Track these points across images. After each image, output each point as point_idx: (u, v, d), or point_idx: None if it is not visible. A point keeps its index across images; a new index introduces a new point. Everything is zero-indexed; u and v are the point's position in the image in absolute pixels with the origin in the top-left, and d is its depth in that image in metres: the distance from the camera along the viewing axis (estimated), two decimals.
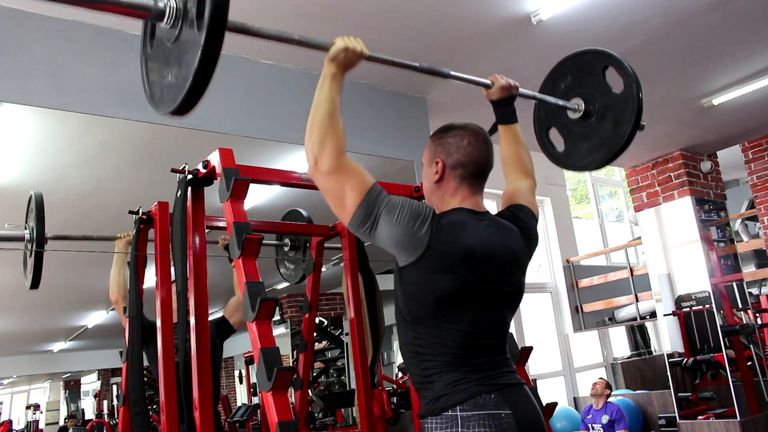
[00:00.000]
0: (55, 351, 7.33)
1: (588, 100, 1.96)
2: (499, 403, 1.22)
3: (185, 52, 1.18)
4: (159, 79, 1.32)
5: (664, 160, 5.49)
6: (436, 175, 1.41)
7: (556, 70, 2.10)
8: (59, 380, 9.45)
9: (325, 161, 1.29)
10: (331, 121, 1.34)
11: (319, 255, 3.11)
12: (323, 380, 7.17)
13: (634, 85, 1.85)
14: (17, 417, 9.07)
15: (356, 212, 1.27)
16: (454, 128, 1.43)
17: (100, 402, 9.16)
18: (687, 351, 5.14)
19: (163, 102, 1.28)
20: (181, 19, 1.19)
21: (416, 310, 1.29)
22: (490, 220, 1.38)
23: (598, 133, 1.94)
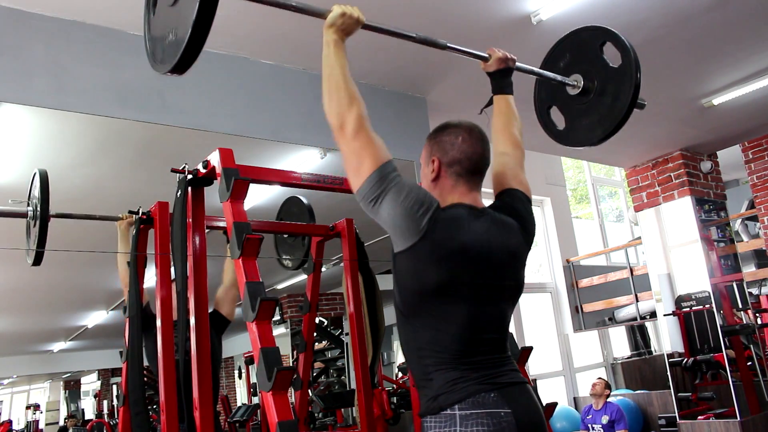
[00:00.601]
0: (55, 351, 7.31)
1: (587, 75, 1.96)
2: (498, 402, 1.22)
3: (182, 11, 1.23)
4: (160, 40, 1.36)
5: (664, 160, 5.49)
6: (433, 173, 1.42)
7: (555, 48, 2.11)
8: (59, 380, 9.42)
9: (352, 123, 1.30)
10: (348, 84, 1.35)
11: (319, 255, 3.11)
12: (323, 380, 7.17)
13: (631, 58, 1.86)
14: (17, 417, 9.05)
15: (368, 180, 1.27)
16: (449, 126, 1.44)
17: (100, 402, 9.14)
18: (687, 351, 5.14)
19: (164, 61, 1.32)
20: None
21: (410, 302, 1.30)
22: (488, 216, 1.38)
23: (597, 109, 1.94)
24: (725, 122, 4.89)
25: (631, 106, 1.85)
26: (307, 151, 3.25)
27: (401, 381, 6.22)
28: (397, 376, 7.41)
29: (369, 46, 3.07)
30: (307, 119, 3.12)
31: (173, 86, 2.70)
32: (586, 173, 8.56)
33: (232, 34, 2.75)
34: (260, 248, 1.85)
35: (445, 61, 3.33)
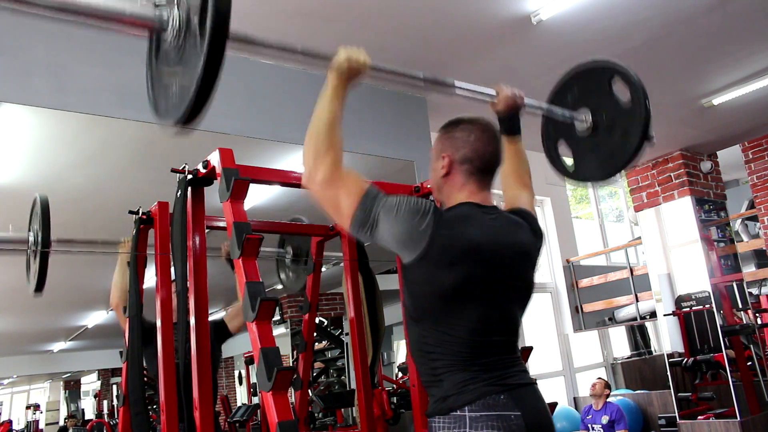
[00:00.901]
0: (55, 351, 7.31)
1: (595, 111, 1.94)
2: (508, 404, 1.21)
3: (188, 64, 1.18)
4: (164, 91, 1.32)
5: (664, 160, 5.49)
6: (443, 169, 1.40)
7: (562, 82, 2.09)
8: (59, 380, 9.43)
9: (320, 173, 1.29)
10: (328, 133, 1.33)
11: (319, 255, 3.11)
12: (323, 380, 7.16)
13: (641, 95, 1.84)
14: (17, 417, 9.06)
15: (354, 216, 1.26)
16: (463, 122, 1.42)
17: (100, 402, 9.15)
18: (687, 351, 5.14)
19: (168, 114, 1.29)
20: (184, 30, 1.19)
21: (422, 308, 1.29)
22: (498, 214, 1.37)
23: (606, 145, 1.92)
24: (725, 122, 4.89)
25: (641, 145, 1.83)
26: None
27: (401, 381, 6.22)
28: (397, 376, 7.40)
29: (369, 46, 3.06)
30: (307, 119, 3.10)
31: None
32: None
33: None
34: (260, 248, 1.85)
35: (445, 61, 3.33)
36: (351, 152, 3.31)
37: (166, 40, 1.26)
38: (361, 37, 2.97)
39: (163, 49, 1.33)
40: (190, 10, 1.18)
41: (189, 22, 1.18)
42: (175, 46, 1.22)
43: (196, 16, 1.15)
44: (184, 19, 1.19)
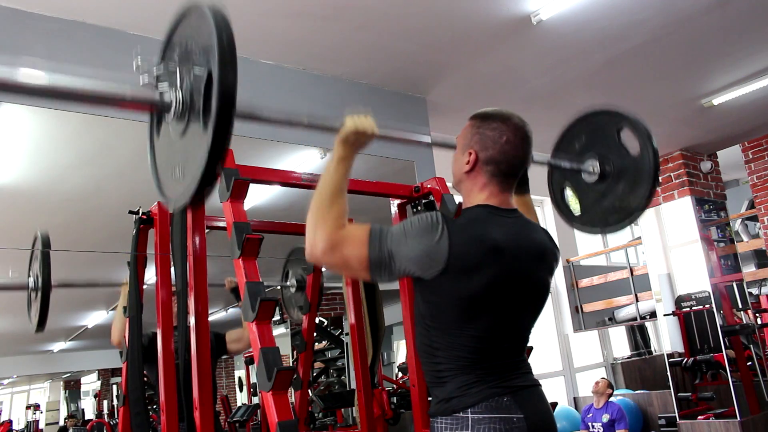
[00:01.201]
0: (55, 351, 7.31)
1: (603, 161, 1.94)
2: (511, 407, 1.21)
3: (192, 148, 1.15)
4: (169, 172, 1.29)
5: (664, 160, 5.48)
6: (467, 165, 1.37)
7: (570, 128, 2.08)
8: (59, 380, 9.43)
9: (320, 242, 1.25)
10: (330, 204, 1.29)
11: None
12: (323, 380, 7.16)
13: (650, 147, 1.83)
14: (17, 417, 9.07)
15: (369, 265, 1.23)
16: (496, 119, 1.37)
17: (100, 402, 9.15)
18: (687, 351, 5.14)
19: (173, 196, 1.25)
20: (188, 111, 1.17)
21: (440, 316, 1.27)
22: (517, 218, 1.36)
23: (614, 195, 1.90)
24: (725, 122, 4.89)
25: (650, 197, 1.83)
26: (307, 151, 3.25)
27: (401, 381, 6.21)
28: (397, 376, 7.40)
29: (369, 45, 3.07)
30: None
31: None
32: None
33: None
34: (260, 248, 1.85)
35: (445, 61, 3.33)
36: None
37: (170, 121, 1.24)
38: (361, 37, 2.97)
39: (164, 127, 1.30)
40: (193, 92, 1.15)
41: (192, 103, 1.15)
42: (178, 127, 1.20)
43: (199, 97, 1.12)
44: (187, 100, 1.17)
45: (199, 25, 1.14)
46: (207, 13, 1.08)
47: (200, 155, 1.09)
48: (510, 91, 3.71)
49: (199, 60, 1.14)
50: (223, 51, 1.04)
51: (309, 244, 1.27)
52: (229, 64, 1.05)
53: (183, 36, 1.25)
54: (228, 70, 1.04)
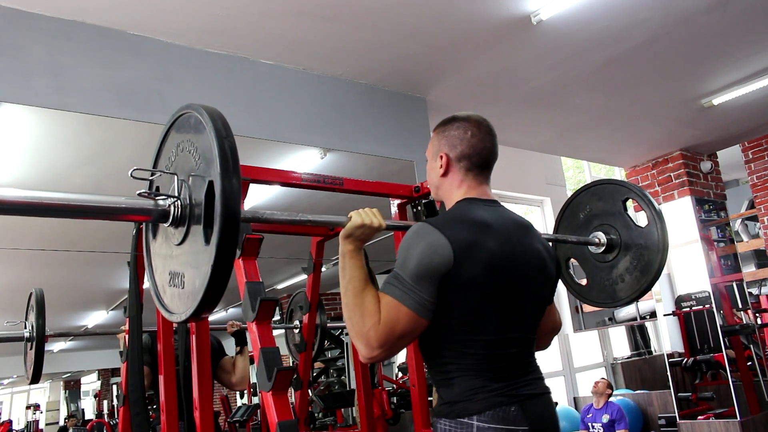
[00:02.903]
0: (55, 351, 7.30)
1: (610, 232, 1.93)
2: (518, 418, 1.19)
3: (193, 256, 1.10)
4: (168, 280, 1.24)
5: (664, 160, 5.49)
6: (441, 168, 1.41)
7: (574, 197, 2.08)
8: (59, 380, 9.43)
9: (375, 348, 1.20)
10: (361, 303, 1.24)
11: (319, 255, 3.11)
12: (323, 380, 7.16)
13: (658, 220, 1.82)
14: (17, 417, 9.06)
15: (419, 315, 1.20)
16: (457, 120, 1.42)
17: (100, 402, 9.15)
18: (687, 351, 5.14)
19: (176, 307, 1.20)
20: (187, 219, 1.14)
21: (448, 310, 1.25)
22: (497, 206, 1.38)
23: (622, 268, 1.89)
24: (725, 122, 4.89)
25: (660, 270, 1.81)
26: (307, 151, 3.25)
27: (401, 381, 6.21)
28: (397, 376, 7.40)
29: (369, 45, 3.07)
30: (307, 119, 3.12)
31: (173, 86, 2.70)
32: (586, 173, 8.55)
33: (232, 34, 2.75)
34: (260, 248, 1.85)
35: (445, 61, 3.33)
36: (351, 152, 3.31)
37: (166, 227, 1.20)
38: (361, 37, 2.97)
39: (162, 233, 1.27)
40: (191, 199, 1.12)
41: (192, 210, 1.12)
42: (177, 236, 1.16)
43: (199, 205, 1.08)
44: (186, 207, 1.13)
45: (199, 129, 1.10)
46: (205, 116, 1.05)
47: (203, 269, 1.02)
48: (510, 91, 3.71)
49: (199, 168, 1.09)
50: (225, 159, 1.00)
51: (366, 350, 1.22)
52: (232, 172, 1.00)
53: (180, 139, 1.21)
54: (230, 178, 1.00)
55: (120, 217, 1.16)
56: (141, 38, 2.65)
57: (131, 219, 1.17)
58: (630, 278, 1.87)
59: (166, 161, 1.27)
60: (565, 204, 2.07)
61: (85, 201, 1.12)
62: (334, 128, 3.16)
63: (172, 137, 1.27)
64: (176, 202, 1.15)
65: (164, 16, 2.56)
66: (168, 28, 2.60)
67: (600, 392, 5.22)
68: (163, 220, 1.16)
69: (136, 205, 1.17)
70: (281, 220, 1.35)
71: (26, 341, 2.70)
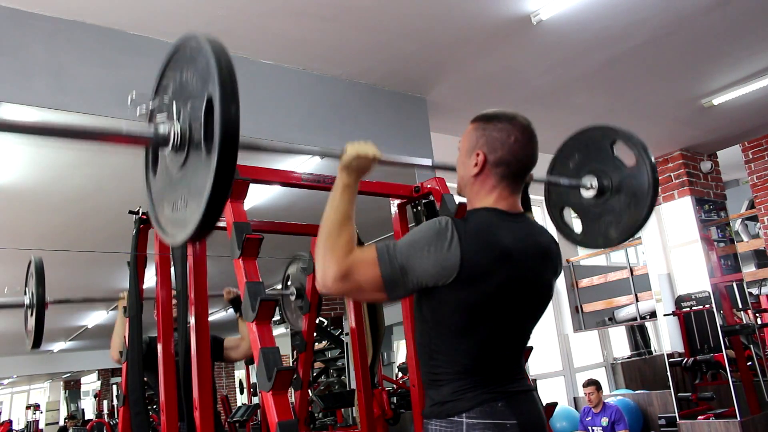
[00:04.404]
0: (55, 351, 7.28)
1: (600, 176, 1.94)
2: (505, 412, 1.21)
3: (193, 180, 1.12)
4: (167, 207, 1.26)
5: (664, 160, 5.49)
6: (476, 167, 1.32)
7: (562, 149, 2.08)
8: (59, 380, 9.40)
9: (330, 276, 1.21)
10: (339, 232, 1.25)
11: None
12: (323, 380, 7.17)
13: (645, 158, 1.83)
14: (17, 417, 9.07)
15: (384, 286, 1.20)
16: (501, 120, 1.32)
17: (100, 402, 9.13)
18: (687, 351, 5.14)
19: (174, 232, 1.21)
20: (187, 143, 1.14)
21: (444, 321, 1.25)
22: (524, 222, 1.33)
23: (615, 209, 1.90)
24: (725, 122, 4.89)
25: (652, 206, 1.83)
26: None
27: (401, 381, 6.22)
28: (397, 376, 7.41)
29: (369, 45, 3.07)
30: (307, 119, 3.12)
31: None
32: None
33: (232, 34, 2.74)
34: (260, 248, 1.85)
35: (445, 61, 3.33)
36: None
37: (167, 154, 1.21)
38: (361, 37, 2.97)
39: (162, 162, 1.28)
40: (191, 122, 1.13)
41: (191, 133, 1.13)
42: (177, 160, 1.17)
43: (199, 127, 1.09)
44: (186, 131, 1.14)
45: (195, 56, 1.11)
46: (202, 41, 1.07)
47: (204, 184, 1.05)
48: (510, 91, 3.71)
49: (196, 89, 1.10)
50: (223, 75, 1.01)
51: (320, 276, 1.24)
52: (230, 87, 1.02)
53: (178, 68, 1.22)
54: (230, 93, 1.02)
55: (120, 140, 1.16)
56: (141, 38, 2.65)
57: (131, 143, 1.19)
58: (623, 217, 1.89)
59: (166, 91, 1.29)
60: (554, 157, 2.09)
61: (87, 124, 1.14)
62: (333, 128, 3.16)
63: (170, 68, 1.28)
64: (176, 125, 1.16)
65: (164, 16, 2.56)
66: (168, 28, 2.60)
67: (595, 402, 5.17)
68: (164, 145, 1.17)
69: (136, 130, 1.18)
70: (279, 147, 1.37)
71: (26, 308, 2.70)
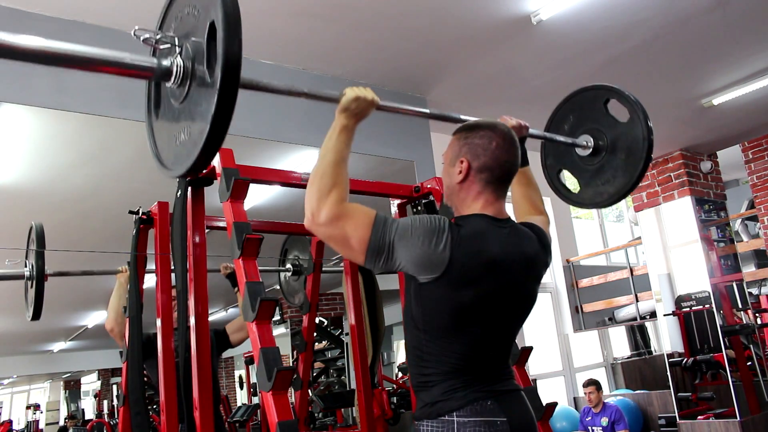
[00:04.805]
0: (55, 351, 7.29)
1: (596, 135, 1.94)
2: (495, 410, 1.23)
3: (195, 115, 1.13)
4: (169, 141, 1.27)
5: (664, 160, 5.49)
6: (460, 175, 1.35)
7: (556, 112, 2.09)
8: (59, 380, 9.42)
9: (324, 212, 1.23)
10: (334, 172, 1.28)
11: (319, 255, 3.11)
12: (323, 380, 7.17)
13: (639, 112, 1.84)
14: (17, 417, 9.06)
15: (368, 249, 1.22)
16: (482, 128, 1.37)
17: (100, 402, 9.14)
18: (687, 351, 5.14)
19: (173, 165, 1.23)
20: (189, 78, 1.15)
21: (432, 322, 1.27)
22: (510, 228, 1.35)
23: (611, 166, 1.92)
24: (725, 122, 4.89)
25: (647, 161, 1.83)
26: (307, 151, 3.25)
27: (401, 381, 6.22)
28: (397, 376, 7.40)
29: (369, 45, 3.07)
30: (307, 119, 3.12)
31: None
32: None
33: None
34: (260, 248, 1.85)
35: (445, 61, 3.33)
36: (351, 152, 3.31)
37: (169, 88, 1.22)
38: (361, 37, 2.97)
39: (164, 96, 1.29)
40: (195, 56, 1.13)
41: (194, 67, 1.14)
42: (179, 93, 1.18)
43: (202, 60, 1.10)
44: (189, 67, 1.15)
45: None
46: None
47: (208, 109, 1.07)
48: (510, 91, 3.71)
49: (199, 19, 1.12)
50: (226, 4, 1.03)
51: (310, 211, 1.25)
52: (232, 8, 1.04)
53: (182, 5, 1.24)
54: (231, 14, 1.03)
55: (124, 71, 1.17)
56: (141, 38, 2.65)
57: (134, 75, 1.19)
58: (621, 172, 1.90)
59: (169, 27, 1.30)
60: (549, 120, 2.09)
61: (92, 52, 1.13)
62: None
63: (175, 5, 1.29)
64: (178, 58, 1.17)
65: None
66: None
67: (596, 402, 5.16)
68: (166, 78, 1.18)
69: (140, 61, 1.19)
70: (278, 88, 1.37)
71: (26, 279, 2.70)
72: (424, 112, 1.64)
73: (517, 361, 2.19)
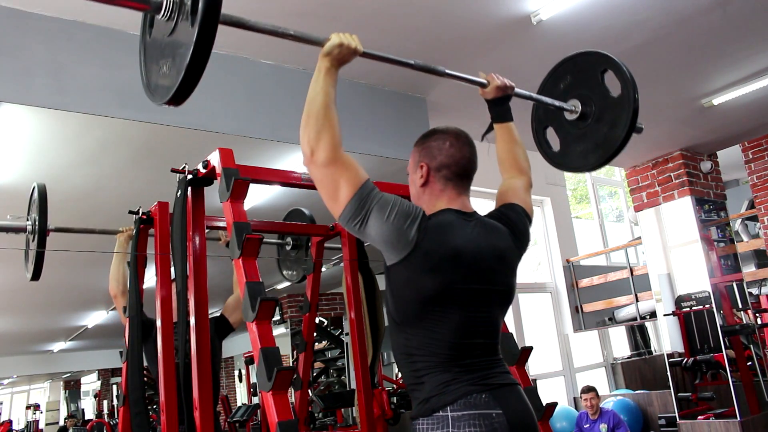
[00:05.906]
0: (55, 351, 7.28)
1: (585, 102, 1.96)
2: (490, 403, 1.23)
3: (179, 46, 1.22)
4: (155, 70, 1.35)
5: (664, 160, 5.49)
6: (422, 179, 1.42)
7: (556, 69, 2.10)
8: (59, 380, 9.39)
9: (322, 152, 1.29)
10: (326, 113, 1.33)
11: (319, 255, 3.11)
12: (323, 380, 7.17)
13: (631, 89, 1.86)
14: (17, 417, 9.07)
15: (348, 205, 1.28)
16: (436, 132, 1.45)
17: (100, 402, 9.12)
18: (687, 351, 5.14)
19: (158, 92, 1.32)
20: (177, 12, 1.22)
21: (404, 311, 1.30)
22: (477, 220, 1.40)
23: (593, 136, 1.94)
24: (725, 122, 4.89)
25: (627, 138, 1.85)
26: None
27: (401, 381, 6.22)
28: (397, 376, 7.40)
29: (368, 46, 3.07)
30: None
31: None
32: (586, 174, 8.56)
33: (232, 34, 2.74)
34: (260, 248, 1.85)
35: (445, 61, 3.32)
36: (350, 152, 3.31)
37: (159, 21, 1.29)
38: (360, 36, 2.97)
39: (155, 28, 1.37)
40: None
41: (183, 4, 1.21)
42: (167, 27, 1.25)
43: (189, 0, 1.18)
44: (177, 2, 1.22)
45: None
46: None
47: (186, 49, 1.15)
48: None
49: None
50: None
51: (309, 148, 1.30)
52: None
53: None
54: None
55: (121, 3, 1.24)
56: None
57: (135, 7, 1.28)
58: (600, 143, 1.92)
59: None
60: (547, 75, 2.10)
61: None
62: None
63: None
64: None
65: None
66: None
67: (595, 408, 5.14)
68: (157, 11, 1.25)
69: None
70: (264, 27, 1.40)
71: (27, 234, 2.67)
72: (408, 62, 1.70)
73: (517, 361, 2.19)
